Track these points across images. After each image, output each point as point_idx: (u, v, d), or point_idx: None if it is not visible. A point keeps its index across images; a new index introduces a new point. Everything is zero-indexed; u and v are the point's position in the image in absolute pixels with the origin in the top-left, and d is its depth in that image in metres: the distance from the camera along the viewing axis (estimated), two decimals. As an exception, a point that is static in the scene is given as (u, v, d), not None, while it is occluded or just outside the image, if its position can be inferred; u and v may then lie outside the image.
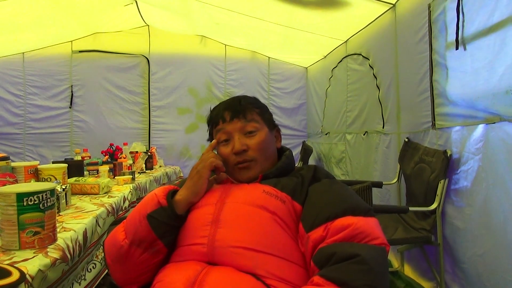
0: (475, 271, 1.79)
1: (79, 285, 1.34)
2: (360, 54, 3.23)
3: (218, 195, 1.04)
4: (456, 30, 1.88)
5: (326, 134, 4.22)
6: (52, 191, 1.14)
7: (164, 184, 3.46)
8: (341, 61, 3.74)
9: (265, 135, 1.12)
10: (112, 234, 1.04)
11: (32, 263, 0.99)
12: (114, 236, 1.02)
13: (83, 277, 1.39)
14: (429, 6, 2.17)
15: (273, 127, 1.19)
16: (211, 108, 1.20)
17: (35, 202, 1.07)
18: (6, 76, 4.46)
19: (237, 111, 1.11)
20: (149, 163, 3.53)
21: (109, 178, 2.27)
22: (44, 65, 4.54)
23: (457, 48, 1.89)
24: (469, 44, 1.82)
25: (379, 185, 2.47)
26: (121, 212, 1.94)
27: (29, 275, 0.94)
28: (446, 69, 2.03)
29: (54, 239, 1.15)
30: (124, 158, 3.09)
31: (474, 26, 1.78)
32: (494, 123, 1.65)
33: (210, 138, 1.19)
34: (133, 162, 3.32)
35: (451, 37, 1.94)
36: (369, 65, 3.04)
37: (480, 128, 1.75)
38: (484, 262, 1.73)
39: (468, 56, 1.83)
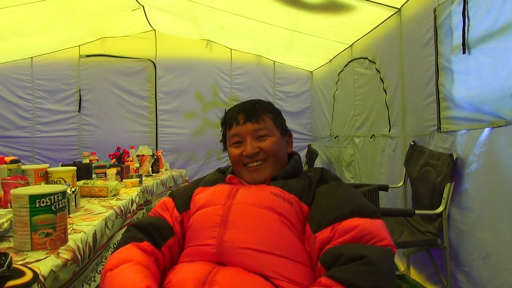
0: (479, 273, 1.79)
1: (89, 286, 1.36)
2: (367, 58, 3.24)
3: (226, 196, 1.06)
4: (463, 34, 1.89)
5: (335, 138, 4.23)
6: (64, 193, 1.16)
7: (170, 187, 3.47)
8: (347, 65, 3.76)
9: (277, 139, 1.14)
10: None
11: (45, 263, 1.00)
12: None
13: (92, 279, 1.40)
14: (435, 11, 2.17)
15: (285, 133, 1.21)
16: (226, 110, 1.22)
17: (47, 204, 1.09)
18: (15, 80, 4.51)
19: (251, 115, 1.13)
20: (156, 167, 3.55)
21: (117, 181, 2.29)
22: (52, 69, 4.60)
23: (464, 52, 1.89)
24: (474, 48, 1.83)
25: (385, 188, 2.47)
26: (129, 215, 1.96)
27: (42, 275, 0.95)
28: (451, 73, 2.03)
29: (65, 241, 1.17)
30: (131, 161, 3.12)
31: (479, 30, 1.79)
32: (500, 126, 1.65)
33: (224, 139, 1.22)
34: (140, 165, 3.35)
35: (457, 41, 1.95)
36: (376, 69, 3.05)
37: (486, 131, 1.75)
38: (488, 265, 1.73)
39: (474, 60, 1.84)
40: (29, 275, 0.91)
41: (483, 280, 1.76)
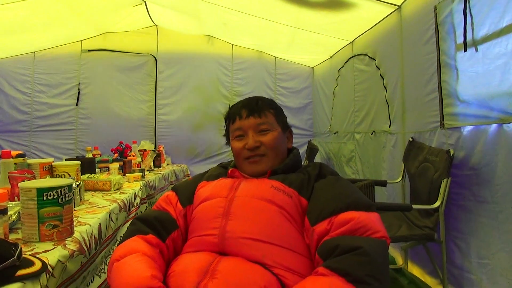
0: (500, 265, 1.78)
1: (100, 278, 1.40)
2: (367, 55, 3.26)
3: (228, 189, 1.10)
4: (464, 32, 1.90)
5: (334, 134, 4.26)
6: (70, 186, 1.19)
7: (172, 182, 3.52)
8: (347, 61, 3.77)
9: (278, 134, 1.19)
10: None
11: (52, 254, 1.04)
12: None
13: (102, 271, 1.44)
14: (435, 8, 2.19)
15: (286, 129, 1.25)
16: (230, 106, 1.27)
17: (54, 197, 1.13)
18: (16, 74, 4.54)
19: (254, 110, 1.18)
20: (157, 161, 3.59)
21: (119, 175, 2.33)
22: (53, 63, 4.62)
23: (465, 50, 1.91)
24: (481, 46, 1.84)
25: (383, 183, 2.50)
26: (133, 208, 2.00)
27: (50, 265, 0.99)
28: (456, 70, 2.04)
29: (71, 232, 1.21)
30: (133, 156, 3.16)
31: (485, 27, 1.80)
32: (509, 123, 1.67)
33: (227, 134, 1.26)
34: (142, 160, 3.39)
35: (461, 39, 1.96)
36: (376, 65, 3.07)
37: (494, 127, 1.76)
38: (501, 258, 1.73)
39: (481, 57, 1.84)
40: (38, 265, 0.95)
41: (504, 270, 1.75)
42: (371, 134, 3.22)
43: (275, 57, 5.07)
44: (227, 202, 1.05)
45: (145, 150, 3.62)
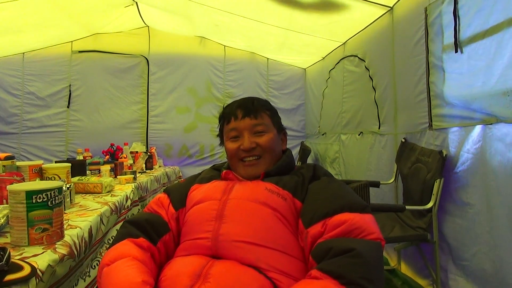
0: (481, 267, 1.79)
1: (84, 281, 1.38)
2: (357, 56, 3.27)
3: (222, 191, 1.08)
4: (454, 33, 1.92)
5: (323, 135, 4.27)
6: (60, 189, 1.17)
7: (164, 184, 3.49)
8: (338, 62, 3.78)
9: (273, 136, 1.18)
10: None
11: (42, 258, 1.02)
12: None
13: (87, 274, 1.42)
14: (426, 10, 2.21)
15: (281, 130, 1.25)
16: (224, 106, 1.26)
17: (44, 200, 1.11)
18: (5, 76, 4.45)
19: (249, 110, 1.17)
20: (149, 163, 3.57)
21: (111, 178, 2.30)
22: (44, 65, 4.55)
23: (456, 51, 1.92)
24: (466, 47, 1.86)
25: (376, 184, 2.51)
26: (123, 211, 1.98)
27: (39, 270, 0.97)
28: (443, 71, 2.06)
29: (61, 236, 1.19)
30: (124, 158, 3.13)
31: (470, 29, 1.82)
32: (491, 124, 1.68)
33: (221, 134, 1.25)
34: (134, 162, 3.36)
35: (448, 40, 1.98)
36: (365, 66, 3.08)
37: (478, 128, 1.78)
38: (490, 259, 1.73)
39: (465, 59, 1.87)
40: (27, 270, 0.93)
41: (485, 274, 1.76)
42: (358, 135, 3.23)
43: (267, 58, 5.07)
44: (221, 204, 1.04)
45: (137, 152, 3.59)
